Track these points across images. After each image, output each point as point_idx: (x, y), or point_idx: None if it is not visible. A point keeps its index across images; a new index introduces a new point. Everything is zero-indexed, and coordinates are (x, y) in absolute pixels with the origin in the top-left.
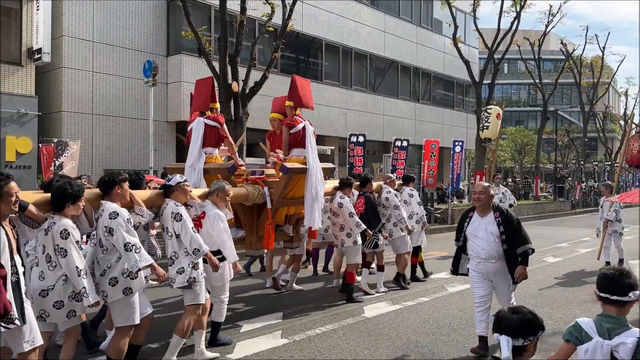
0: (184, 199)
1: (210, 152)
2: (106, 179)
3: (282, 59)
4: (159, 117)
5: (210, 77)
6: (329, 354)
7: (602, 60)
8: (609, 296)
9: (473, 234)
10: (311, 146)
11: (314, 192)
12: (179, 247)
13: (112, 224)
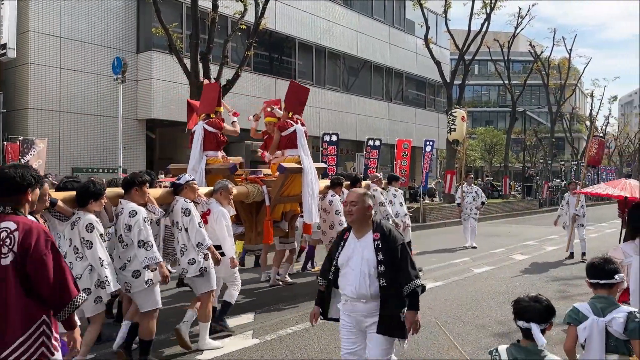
0: (193, 196)
1: (212, 156)
2: (127, 179)
3: (256, 57)
4: (128, 114)
5: (217, 82)
6: (300, 354)
7: (569, 62)
8: (599, 281)
9: (344, 262)
10: (303, 147)
11: (311, 190)
12: (188, 240)
13: (131, 221)
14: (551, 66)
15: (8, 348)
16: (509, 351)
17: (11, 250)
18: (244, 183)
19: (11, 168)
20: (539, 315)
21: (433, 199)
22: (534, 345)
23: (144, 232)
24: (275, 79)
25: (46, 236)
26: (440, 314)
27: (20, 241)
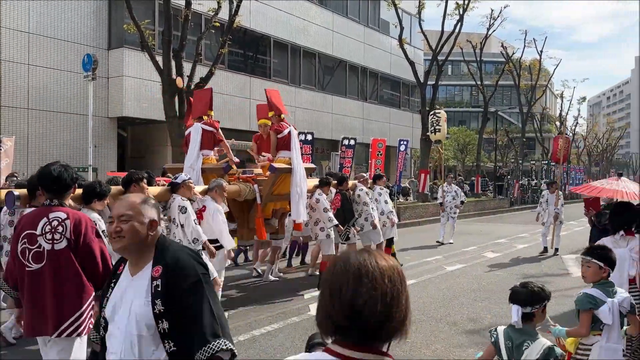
0: (189, 195)
1: (207, 154)
2: (126, 178)
3: (230, 55)
4: (99, 112)
5: (210, 87)
6: (274, 354)
7: (540, 64)
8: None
9: (110, 314)
10: (295, 148)
11: (299, 189)
12: (184, 235)
13: None
14: (522, 67)
15: (66, 321)
16: (506, 331)
17: (64, 237)
18: (236, 182)
19: (56, 166)
20: (522, 298)
21: (407, 198)
22: (529, 326)
23: None
24: (250, 77)
25: (92, 225)
26: (413, 312)
27: (72, 229)
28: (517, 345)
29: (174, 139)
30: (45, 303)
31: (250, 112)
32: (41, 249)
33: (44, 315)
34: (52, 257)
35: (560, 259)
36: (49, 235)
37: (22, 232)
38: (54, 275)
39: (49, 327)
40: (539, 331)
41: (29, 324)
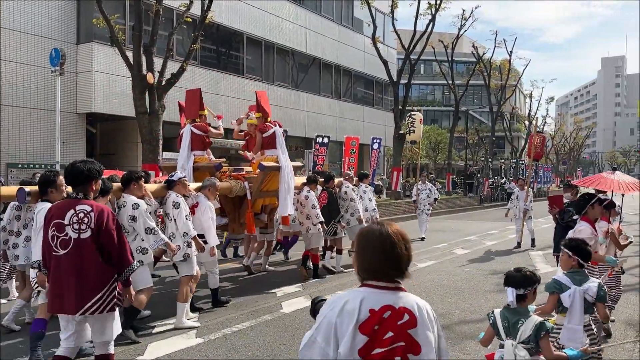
0: (184, 191)
1: (199, 154)
2: (126, 177)
3: (203, 50)
4: (67, 108)
5: (199, 88)
6: (245, 352)
7: (510, 64)
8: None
9: None
10: (281, 147)
11: (286, 185)
12: (176, 229)
13: (135, 212)
14: (492, 67)
15: (89, 301)
16: (502, 313)
17: (89, 227)
18: (228, 179)
19: (81, 163)
20: (517, 281)
21: (380, 196)
22: (522, 306)
23: (147, 222)
24: (223, 74)
25: (113, 216)
26: None
27: (95, 220)
28: (512, 323)
29: (145, 136)
30: (69, 285)
31: (222, 108)
32: (68, 237)
33: (68, 296)
34: (77, 245)
35: (527, 255)
36: (75, 225)
37: (52, 221)
38: (78, 261)
39: (72, 307)
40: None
41: (54, 302)
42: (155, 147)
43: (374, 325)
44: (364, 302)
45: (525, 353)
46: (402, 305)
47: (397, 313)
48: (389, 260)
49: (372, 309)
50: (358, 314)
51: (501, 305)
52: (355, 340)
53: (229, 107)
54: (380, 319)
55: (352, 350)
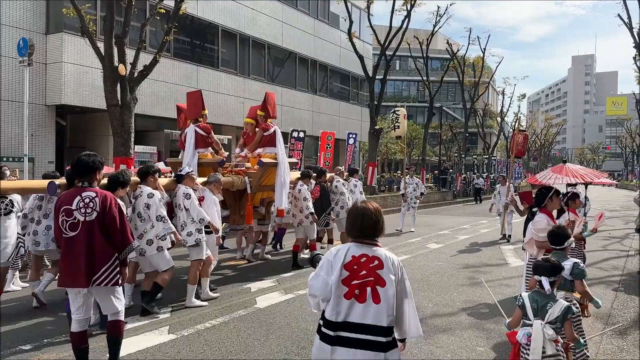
0: (192, 185)
1: (202, 152)
2: (144, 170)
3: (176, 42)
4: (36, 100)
5: (199, 90)
6: (218, 348)
7: (483, 61)
8: (555, 247)
9: None
10: (280, 145)
11: (282, 180)
12: (187, 217)
13: (149, 201)
14: (466, 64)
15: (96, 274)
16: (531, 296)
17: (95, 210)
18: (230, 174)
19: (86, 156)
20: (547, 271)
21: None
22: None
23: (160, 210)
24: (197, 67)
25: (115, 201)
26: None
27: (100, 204)
28: (541, 306)
29: (116, 129)
30: (79, 262)
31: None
32: (76, 220)
33: (78, 272)
34: (85, 226)
35: (499, 249)
36: (82, 209)
37: (61, 208)
38: (86, 241)
39: (82, 281)
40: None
41: (65, 278)
42: (127, 140)
43: (354, 265)
44: (349, 251)
45: (552, 332)
46: (374, 254)
47: (370, 259)
48: (367, 225)
49: (354, 255)
50: (344, 257)
51: (473, 299)
52: (341, 273)
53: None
54: (358, 262)
55: (338, 280)
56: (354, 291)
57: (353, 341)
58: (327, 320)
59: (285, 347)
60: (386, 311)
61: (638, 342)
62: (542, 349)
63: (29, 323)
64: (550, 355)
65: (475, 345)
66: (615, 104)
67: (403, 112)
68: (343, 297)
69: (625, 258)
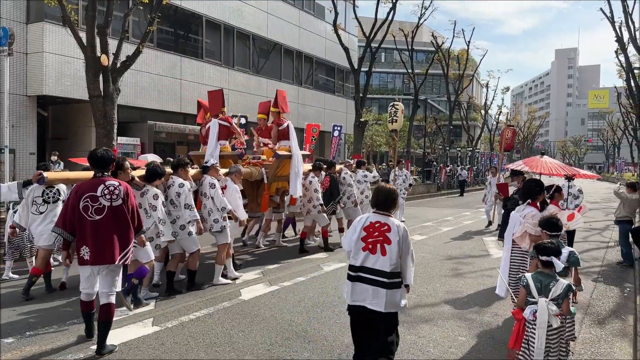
0: (216, 175)
1: (223, 144)
2: (176, 163)
3: (160, 33)
4: (17, 90)
5: (221, 88)
6: (202, 339)
7: (467, 54)
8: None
9: None
10: (293, 138)
11: (296, 170)
12: (213, 205)
13: (180, 190)
14: (451, 57)
15: (122, 252)
16: (534, 276)
17: (120, 197)
18: (248, 166)
19: (103, 150)
20: (556, 252)
21: None
22: (550, 271)
23: (188, 199)
24: (181, 57)
25: (132, 190)
26: (342, 296)
27: (124, 192)
28: (545, 285)
29: (98, 120)
30: (106, 242)
31: (181, 93)
32: (102, 206)
33: (106, 250)
34: (112, 211)
35: (481, 241)
36: (107, 196)
37: (84, 195)
38: (112, 223)
39: (111, 258)
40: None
41: (94, 256)
42: (110, 131)
43: (370, 228)
44: (369, 218)
45: (555, 308)
46: (385, 221)
47: (382, 225)
48: (382, 200)
49: (371, 221)
50: (364, 222)
51: (455, 289)
52: (360, 233)
53: (187, 92)
54: (373, 226)
55: (358, 238)
56: (369, 246)
57: (366, 279)
58: (350, 265)
59: (270, 338)
60: (389, 261)
61: (616, 332)
62: (548, 324)
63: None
64: (555, 329)
65: (457, 335)
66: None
67: (401, 107)
68: (361, 250)
69: (605, 249)
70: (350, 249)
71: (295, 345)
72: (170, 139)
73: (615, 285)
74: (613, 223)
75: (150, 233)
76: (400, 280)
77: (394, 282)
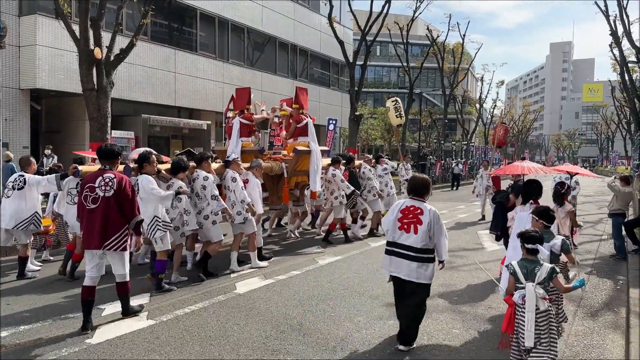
0: (238, 169)
1: (245, 140)
2: (199, 157)
3: (154, 26)
4: (9, 83)
5: (248, 87)
6: (197, 333)
7: (462, 47)
8: (544, 222)
9: None
10: (312, 135)
11: (316, 166)
12: (236, 198)
13: (205, 183)
14: (446, 50)
15: (109, 239)
16: (520, 263)
17: (112, 188)
18: (269, 161)
19: (110, 145)
20: (539, 240)
21: None
22: (535, 257)
23: (214, 190)
24: (175, 50)
25: (129, 182)
26: (338, 287)
27: (117, 184)
28: (530, 270)
29: (92, 114)
30: (95, 229)
31: (175, 86)
32: (97, 196)
33: (94, 236)
34: (104, 201)
35: (475, 234)
36: (102, 187)
37: (85, 185)
38: (103, 212)
39: (97, 244)
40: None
41: (85, 241)
42: (104, 125)
43: (406, 211)
44: (405, 202)
45: (542, 291)
46: (419, 206)
47: (416, 208)
48: (416, 187)
49: (407, 205)
50: (401, 205)
51: (449, 282)
52: (397, 215)
53: (182, 85)
54: (408, 209)
55: (395, 219)
56: (404, 226)
57: (400, 254)
58: (388, 242)
59: (265, 331)
60: (420, 240)
61: (608, 324)
62: (536, 307)
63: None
64: (542, 311)
65: (451, 327)
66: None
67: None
68: (397, 229)
69: (598, 242)
70: (388, 228)
71: (290, 338)
72: (165, 132)
73: (608, 278)
74: (606, 216)
75: (176, 222)
76: (431, 256)
77: (424, 257)
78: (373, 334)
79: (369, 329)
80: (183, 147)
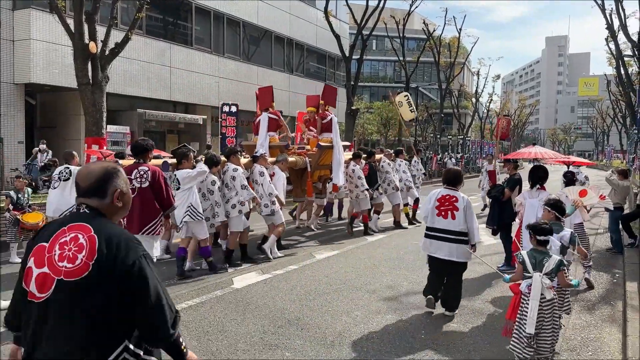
0: (265, 164)
1: (272, 135)
2: (228, 151)
3: (149, 20)
4: (4, 78)
5: (271, 85)
6: (195, 328)
7: (459, 41)
8: (557, 213)
9: None
10: (335, 130)
11: (338, 160)
12: (263, 191)
13: (234, 174)
14: (442, 44)
15: (146, 226)
16: (529, 253)
17: (147, 180)
18: (293, 155)
19: (142, 140)
20: (550, 231)
21: None
22: (544, 249)
23: (243, 181)
24: (170, 44)
25: (162, 174)
26: (335, 281)
27: (151, 175)
28: (539, 261)
29: (87, 108)
30: (134, 217)
31: (170, 80)
32: (133, 187)
33: (133, 223)
34: (140, 191)
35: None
36: (138, 179)
37: None
38: (140, 202)
39: (136, 229)
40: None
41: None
42: (99, 119)
43: (442, 199)
44: (441, 192)
45: (549, 281)
46: (454, 194)
47: (451, 197)
48: (449, 178)
49: (442, 194)
50: (437, 194)
51: None
52: (434, 203)
53: (177, 79)
54: (444, 197)
55: (433, 206)
56: (442, 213)
57: (438, 237)
58: (427, 227)
59: (262, 326)
60: (457, 224)
61: (605, 317)
62: (541, 296)
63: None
64: (548, 300)
65: (448, 321)
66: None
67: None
68: (435, 215)
69: (594, 236)
70: (427, 215)
71: (288, 332)
72: (161, 127)
73: (605, 271)
74: (603, 210)
75: (207, 214)
76: (466, 238)
77: (460, 239)
78: (370, 328)
79: (366, 323)
80: (179, 142)
